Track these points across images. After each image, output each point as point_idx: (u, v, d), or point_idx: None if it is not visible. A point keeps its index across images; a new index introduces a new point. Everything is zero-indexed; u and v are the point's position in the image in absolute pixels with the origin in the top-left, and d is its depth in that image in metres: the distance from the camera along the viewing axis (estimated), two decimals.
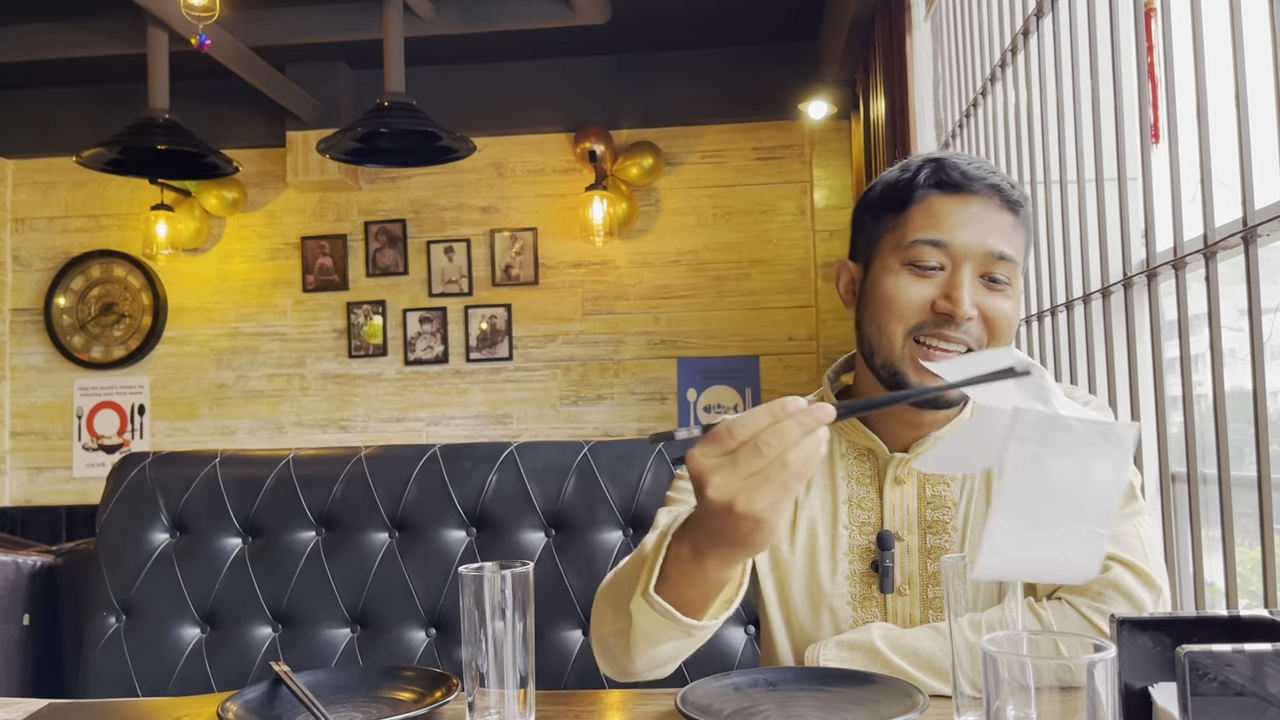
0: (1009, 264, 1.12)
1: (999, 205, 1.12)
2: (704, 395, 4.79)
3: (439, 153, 3.51)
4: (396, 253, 4.99)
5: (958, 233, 1.11)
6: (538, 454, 1.75)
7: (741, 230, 4.86)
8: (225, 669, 1.70)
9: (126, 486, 1.78)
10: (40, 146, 5.09)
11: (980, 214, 1.12)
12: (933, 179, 1.14)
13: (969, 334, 1.11)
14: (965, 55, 2.59)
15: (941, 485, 1.18)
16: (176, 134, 3.42)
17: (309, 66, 4.70)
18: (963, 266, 1.11)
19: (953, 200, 1.12)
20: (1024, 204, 1.15)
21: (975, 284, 1.11)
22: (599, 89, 4.85)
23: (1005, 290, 1.12)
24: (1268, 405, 1.22)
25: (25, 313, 5.16)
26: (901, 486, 1.18)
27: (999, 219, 1.12)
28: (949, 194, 1.13)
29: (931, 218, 1.12)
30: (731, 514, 0.85)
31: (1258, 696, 0.65)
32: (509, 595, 0.95)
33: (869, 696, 0.99)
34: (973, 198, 1.12)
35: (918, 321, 1.11)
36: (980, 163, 1.15)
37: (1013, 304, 1.14)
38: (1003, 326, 1.12)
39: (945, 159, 1.15)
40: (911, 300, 1.12)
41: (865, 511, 1.19)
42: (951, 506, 1.17)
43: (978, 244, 1.11)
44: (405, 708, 1.06)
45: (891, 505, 1.18)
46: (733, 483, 0.84)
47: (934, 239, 1.11)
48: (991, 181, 1.13)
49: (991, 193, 1.12)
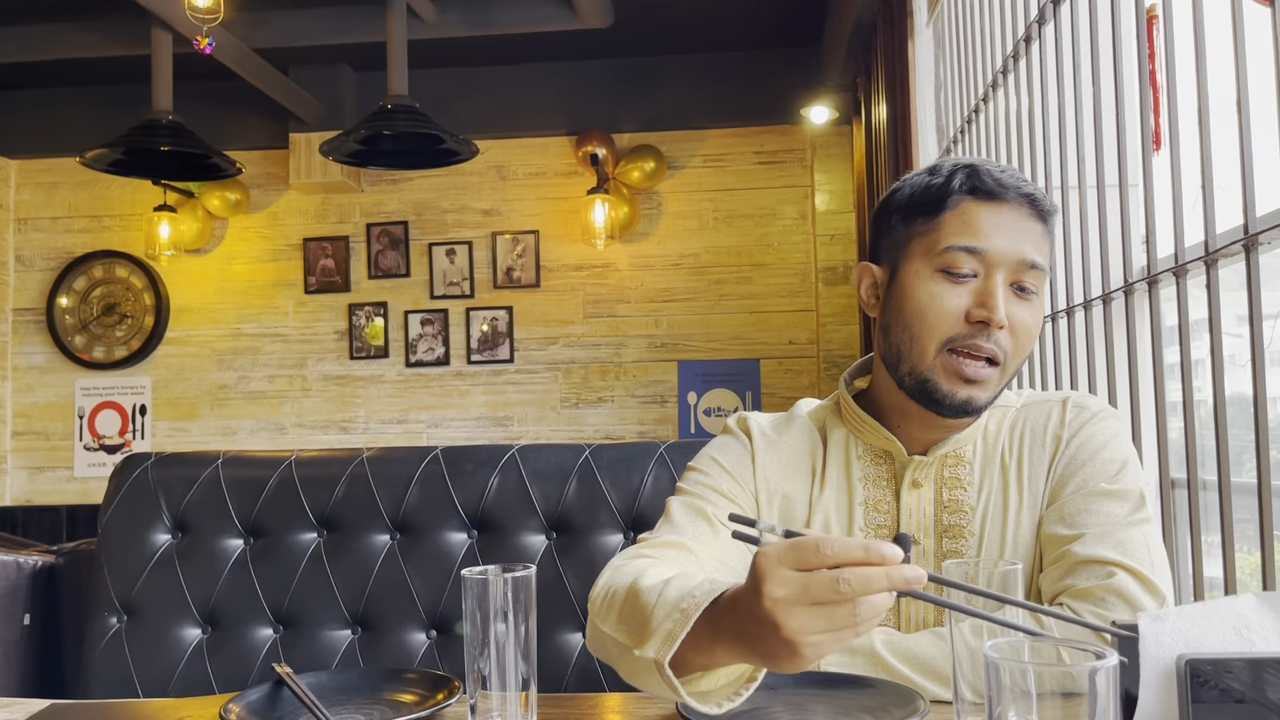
0: (1039, 273, 1.13)
1: (1030, 214, 1.13)
2: (704, 398, 4.79)
3: (441, 155, 3.51)
4: (398, 255, 5.00)
5: (992, 239, 1.11)
6: (539, 457, 1.75)
7: (743, 234, 4.87)
8: (226, 670, 1.70)
9: (129, 487, 1.78)
10: (43, 147, 5.10)
11: (1013, 222, 1.12)
12: (967, 185, 1.13)
13: (998, 344, 1.11)
14: (967, 61, 2.60)
15: (959, 490, 1.18)
16: (180, 135, 3.43)
17: (312, 68, 4.70)
18: (996, 274, 1.11)
19: (987, 207, 1.12)
20: (1055, 213, 1.16)
21: (1007, 292, 1.12)
22: (601, 92, 4.86)
23: (1033, 300, 1.13)
24: (1268, 411, 1.23)
25: (27, 312, 5.16)
26: (919, 490, 1.18)
27: (1030, 227, 1.13)
28: (983, 200, 1.12)
29: (966, 224, 1.12)
30: (776, 630, 0.78)
31: (1258, 703, 0.65)
32: (511, 599, 0.95)
33: (870, 700, 0.99)
34: (1006, 205, 1.12)
35: (952, 333, 1.11)
36: (1012, 171, 1.16)
37: (1038, 315, 1.14)
38: (1028, 338, 1.13)
39: (979, 165, 1.15)
40: (946, 310, 1.11)
41: (881, 514, 1.19)
42: (969, 511, 1.17)
43: (1012, 252, 1.11)
44: (407, 710, 1.06)
45: (908, 509, 1.18)
46: (795, 603, 0.77)
47: (969, 245, 1.11)
48: (1025, 190, 1.13)
49: (1024, 201, 1.13)
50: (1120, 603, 1.04)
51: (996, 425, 1.21)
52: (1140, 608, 1.04)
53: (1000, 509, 1.16)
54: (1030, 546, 1.15)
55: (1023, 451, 1.18)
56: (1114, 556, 1.06)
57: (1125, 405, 1.64)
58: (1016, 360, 1.13)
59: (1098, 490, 1.11)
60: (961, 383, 1.11)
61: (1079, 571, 1.07)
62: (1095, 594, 1.04)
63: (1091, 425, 1.17)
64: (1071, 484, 1.14)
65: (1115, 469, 1.13)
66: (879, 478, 1.20)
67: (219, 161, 3.61)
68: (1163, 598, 1.05)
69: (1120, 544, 1.07)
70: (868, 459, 1.21)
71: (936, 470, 1.18)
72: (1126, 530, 1.08)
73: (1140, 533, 1.08)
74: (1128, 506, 1.10)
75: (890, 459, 1.20)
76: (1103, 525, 1.09)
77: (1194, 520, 1.42)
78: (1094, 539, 1.08)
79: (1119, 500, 1.10)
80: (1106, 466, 1.13)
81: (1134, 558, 1.06)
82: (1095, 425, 1.17)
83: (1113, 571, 1.05)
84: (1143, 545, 1.07)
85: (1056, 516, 1.13)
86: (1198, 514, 1.41)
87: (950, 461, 1.18)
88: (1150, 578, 1.05)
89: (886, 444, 1.19)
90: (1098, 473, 1.13)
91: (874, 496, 1.20)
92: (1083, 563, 1.07)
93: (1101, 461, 1.14)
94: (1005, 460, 1.18)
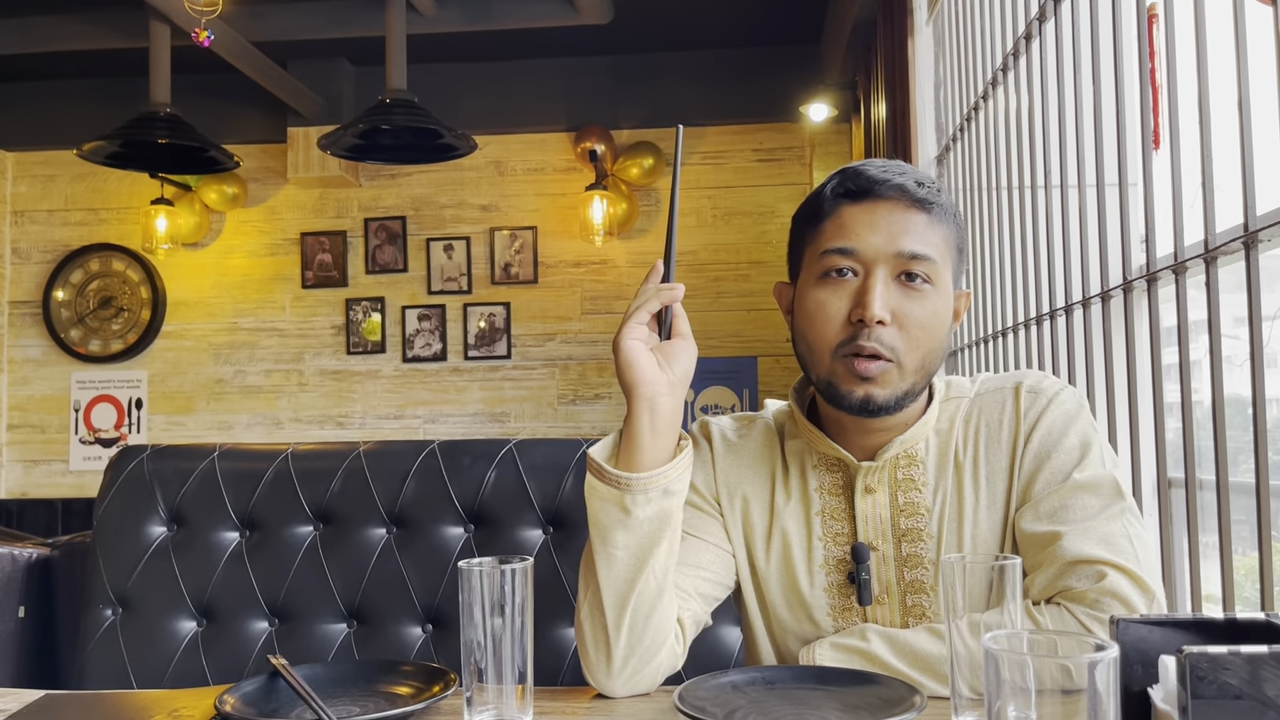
0: (925, 262, 1.11)
1: (908, 205, 1.12)
2: (701, 396, 4.79)
3: (440, 150, 3.51)
4: (396, 250, 4.99)
5: (865, 237, 1.11)
6: (536, 451, 1.75)
7: (741, 231, 4.86)
8: (222, 663, 1.69)
9: (124, 479, 1.77)
10: (40, 139, 5.09)
11: (888, 216, 1.12)
12: (841, 188, 1.15)
13: (881, 341, 1.09)
14: (967, 59, 2.59)
15: (914, 491, 1.17)
16: (177, 128, 3.42)
17: (311, 63, 4.70)
18: (875, 271, 1.10)
19: (860, 206, 1.13)
20: (935, 200, 1.13)
21: (890, 288, 1.11)
22: (600, 89, 4.85)
23: (925, 291, 1.11)
24: (1266, 411, 1.22)
25: (23, 305, 5.15)
26: (872, 495, 1.17)
27: (909, 219, 1.12)
28: (857, 201, 1.13)
29: (840, 226, 1.13)
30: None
31: (1255, 700, 0.65)
32: (508, 590, 0.95)
33: (867, 696, 0.99)
34: (880, 202, 1.12)
35: (840, 338, 1.11)
36: (890, 165, 1.15)
37: (934, 306, 1.12)
38: (921, 330, 1.11)
39: (854, 167, 1.16)
40: (830, 315, 1.12)
41: (839, 523, 1.19)
42: (925, 513, 1.16)
43: (885, 246, 1.11)
44: (403, 702, 1.06)
45: (864, 515, 1.17)
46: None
47: (841, 246, 1.12)
48: (897, 182, 1.12)
49: (898, 193, 1.12)
50: (1113, 603, 1.04)
51: (950, 419, 1.19)
52: (1134, 607, 1.04)
53: (956, 509, 1.15)
54: (991, 546, 1.14)
55: (978, 447, 1.17)
56: (1103, 555, 1.05)
57: (1123, 404, 1.64)
58: (915, 355, 1.11)
59: (1071, 483, 1.10)
60: (857, 381, 1.11)
61: (1069, 573, 1.06)
62: (1089, 597, 1.04)
63: (1050, 412, 1.15)
64: (1041, 479, 1.12)
65: (1079, 455, 1.12)
66: (834, 486, 1.20)
67: (216, 155, 3.60)
68: (1153, 594, 1.05)
69: (1105, 539, 1.06)
70: (823, 468, 1.21)
71: (889, 474, 1.18)
72: (1108, 524, 1.07)
73: (1122, 525, 1.08)
74: (1104, 497, 1.09)
75: (844, 466, 1.20)
76: (1083, 520, 1.08)
77: (1191, 520, 1.42)
78: (1077, 535, 1.07)
79: (1092, 492, 1.09)
80: (1070, 455, 1.12)
81: (1120, 554, 1.05)
82: (1053, 411, 1.15)
83: (1104, 572, 1.04)
84: (1125, 538, 1.07)
85: (1033, 515, 1.11)
86: (1195, 514, 1.41)
87: (903, 463, 1.18)
88: (1140, 575, 1.05)
89: (836, 453, 1.18)
90: (1065, 462, 1.12)
91: (830, 505, 1.20)
92: (1071, 563, 1.06)
93: (1065, 450, 1.12)
94: (959, 458, 1.17)
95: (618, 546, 1.08)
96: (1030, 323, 2.11)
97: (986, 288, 2.50)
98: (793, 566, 1.20)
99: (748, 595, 1.24)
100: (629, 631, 1.08)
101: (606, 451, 1.10)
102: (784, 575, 1.21)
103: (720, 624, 1.62)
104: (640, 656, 1.10)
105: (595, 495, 1.09)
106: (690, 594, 1.18)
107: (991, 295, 2.45)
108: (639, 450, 1.08)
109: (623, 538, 1.07)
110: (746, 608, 1.25)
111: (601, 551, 1.09)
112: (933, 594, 1.16)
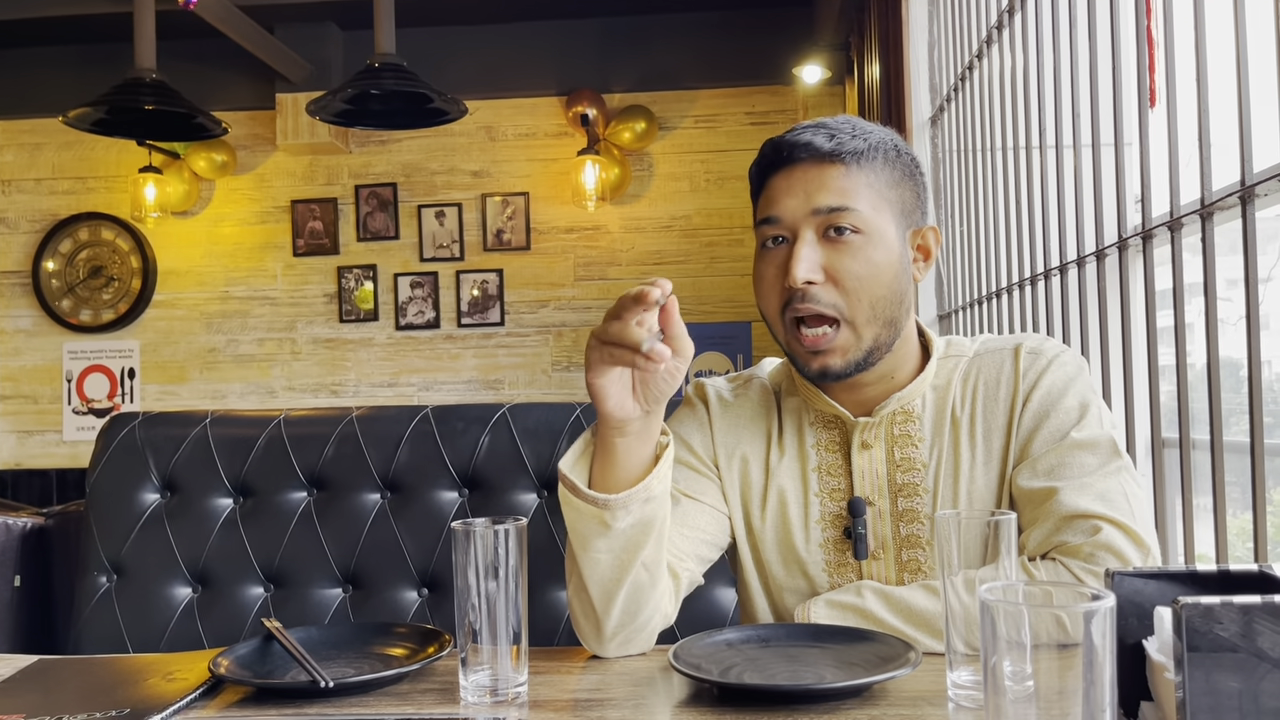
0: (847, 213, 1.11)
1: (819, 161, 1.13)
2: (696, 361, 4.79)
3: (430, 115, 3.47)
4: (387, 217, 4.96)
5: (782, 202, 1.13)
6: (530, 415, 1.74)
7: (734, 195, 4.84)
8: (217, 629, 1.70)
9: (116, 446, 1.77)
10: (26, 107, 5.03)
11: (804, 176, 1.13)
12: (763, 160, 1.18)
13: (820, 301, 1.10)
14: (961, 18, 2.57)
15: (910, 448, 1.18)
16: (164, 94, 3.37)
17: (298, 27, 4.64)
18: (801, 234, 1.12)
19: (781, 174, 1.15)
20: (847, 148, 1.12)
21: (817, 247, 1.11)
22: (591, 52, 4.80)
23: (854, 241, 1.11)
24: (1261, 372, 1.22)
25: (13, 275, 5.12)
26: (869, 451, 1.18)
27: (825, 173, 1.12)
28: (778, 170, 1.15)
29: (768, 198, 1.16)
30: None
31: (1249, 652, 0.65)
32: (501, 551, 0.94)
33: (863, 652, 0.99)
34: (796, 165, 1.14)
35: (779, 305, 1.14)
36: (807, 126, 1.16)
37: (868, 254, 1.11)
38: (858, 281, 1.10)
39: (774, 138, 1.18)
40: (768, 286, 1.15)
41: (835, 478, 1.20)
42: (921, 469, 1.17)
43: (800, 207, 1.12)
44: (398, 663, 1.06)
45: (860, 470, 1.18)
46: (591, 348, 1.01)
47: (765, 216, 1.15)
48: (805, 139, 1.13)
49: (807, 152, 1.13)
50: (1109, 556, 1.05)
51: (947, 376, 1.20)
52: (1129, 561, 1.05)
53: (952, 464, 1.16)
54: (987, 502, 1.15)
55: (975, 404, 1.17)
56: (1098, 509, 1.06)
57: (1118, 363, 1.64)
58: (861, 308, 1.11)
59: (1069, 442, 1.11)
60: (809, 356, 1.13)
61: (1065, 528, 1.07)
62: (1084, 550, 1.05)
63: (1050, 373, 1.15)
64: (1039, 438, 1.13)
65: (1078, 415, 1.12)
66: (830, 442, 1.21)
67: (204, 121, 3.56)
68: (1149, 549, 1.06)
69: (1102, 495, 1.07)
70: (820, 424, 1.22)
71: (886, 429, 1.18)
72: (1104, 481, 1.08)
73: (1118, 482, 1.09)
74: (1101, 456, 1.10)
75: (841, 423, 1.20)
76: (1080, 477, 1.09)
77: (1185, 480, 1.42)
78: (1074, 491, 1.08)
79: (1090, 450, 1.10)
80: (1069, 415, 1.13)
81: (1116, 509, 1.06)
82: (1053, 372, 1.15)
83: (1099, 526, 1.05)
84: (1122, 495, 1.08)
85: (1030, 472, 1.12)
86: (1189, 474, 1.41)
87: (899, 419, 1.18)
88: (1135, 529, 1.06)
89: (833, 409, 1.19)
90: (1064, 422, 1.12)
91: (827, 461, 1.20)
92: (1067, 518, 1.07)
93: (1064, 410, 1.13)
94: (956, 414, 1.18)
95: (600, 551, 1.06)
96: (1025, 283, 2.10)
97: (981, 248, 2.49)
98: (789, 522, 1.20)
99: (743, 553, 1.24)
100: (620, 613, 1.09)
101: (577, 460, 1.07)
102: (780, 531, 1.21)
103: (715, 584, 1.63)
104: (632, 628, 1.11)
105: (571, 508, 1.06)
106: (686, 555, 1.19)
107: (986, 256, 2.44)
108: (615, 469, 1.05)
109: (605, 544, 1.06)
110: (742, 565, 1.25)
111: (584, 555, 1.07)
112: (928, 549, 1.16)
